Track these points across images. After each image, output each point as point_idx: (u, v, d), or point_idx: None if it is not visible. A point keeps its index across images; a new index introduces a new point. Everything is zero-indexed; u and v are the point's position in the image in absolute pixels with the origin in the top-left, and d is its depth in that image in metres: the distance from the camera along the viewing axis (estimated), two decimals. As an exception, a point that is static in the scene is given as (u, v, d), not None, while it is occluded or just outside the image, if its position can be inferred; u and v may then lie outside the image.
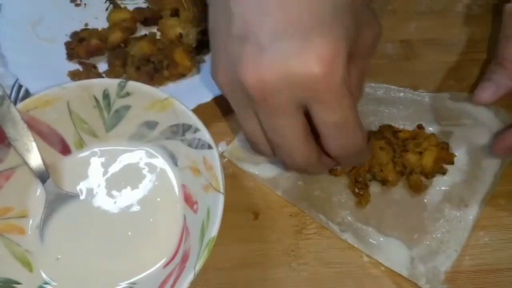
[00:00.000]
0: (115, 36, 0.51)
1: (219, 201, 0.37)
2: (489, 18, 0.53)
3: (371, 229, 0.43)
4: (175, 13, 0.52)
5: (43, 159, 0.42)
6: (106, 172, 0.44)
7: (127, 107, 0.43)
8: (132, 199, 0.43)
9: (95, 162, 0.45)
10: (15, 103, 0.46)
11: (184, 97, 0.42)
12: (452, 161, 0.44)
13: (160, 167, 0.44)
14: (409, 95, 0.48)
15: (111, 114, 0.44)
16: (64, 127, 0.44)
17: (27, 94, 0.48)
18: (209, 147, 0.40)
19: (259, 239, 0.43)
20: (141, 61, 0.49)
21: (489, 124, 0.46)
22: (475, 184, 0.44)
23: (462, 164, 0.45)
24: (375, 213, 0.43)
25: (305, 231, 0.43)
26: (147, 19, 0.53)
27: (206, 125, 0.40)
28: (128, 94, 0.42)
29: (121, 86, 0.42)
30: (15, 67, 0.48)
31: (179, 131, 0.42)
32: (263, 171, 0.46)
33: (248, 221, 0.44)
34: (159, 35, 0.53)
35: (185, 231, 0.41)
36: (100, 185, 0.44)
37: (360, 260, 0.42)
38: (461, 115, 0.47)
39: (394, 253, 0.42)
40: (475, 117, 0.46)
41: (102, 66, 0.51)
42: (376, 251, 0.42)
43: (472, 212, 0.43)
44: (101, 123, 0.44)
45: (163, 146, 0.44)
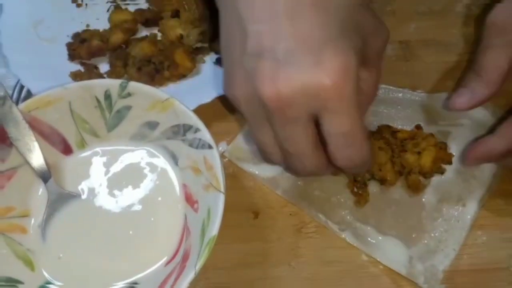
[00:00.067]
0: (116, 37, 0.51)
1: (220, 201, 0.37)
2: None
3: (370, 228, 0.43)
4: (175, 14, 0.52)
5: (45, 159, 0.42)
6: (107, 172, 0.44)
7: (128, 108, 0.44)
8: (133, 199, 0.43)
9: (96, 161, 0.45)
10: (17, 103, 0.46)
11: (185, 97, 0.43)
12: (450, 161, 0.44)
13: (161, 166, 0.44)
14: (408, 96, 0.49)
15: (113, 114, 0.44)
16: (66, 127, 0.44)
17: (29, 95, 0.48)
18: (210, 147, 0.40)
19: (259, 238, 0.43)
20: (142, 62, 0.50)
21: (487, 124, 0.46)
22: (473, 183, 0.44)
23: (460, 164, 0.45)
24: (374, 212, 0.43)
25: (305, 230, 0.44)
26: (148, 20, 0.53)
27: (207, 125, 0.40)
28: (129, 94, 0.43)
29: (122, 87, 0.43)
30: (17, 68, 0.48)
31: (180, 131, 0.42)
32: (263, 171, 0.46)
33: (248, 220, 0.44)
34: (160, 36, 0.53)
35: (185, 230, 0.41)
36: (101, 185, 0.44)
37: (359, 259, 0.42)
38: (459, 115, 0.47)
39: (393, 252, 0.42)
40: (472, 117, 0.47)
41: (104, 67, 0.51)
42: (375, 250, 0.42)
43: (470, 212, 0.43)
44: (102, 123, 0.45)
45: (164, 146, 0.44)
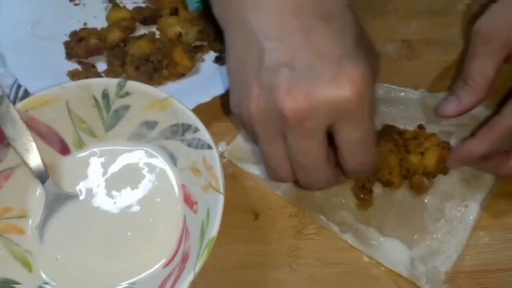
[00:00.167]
0: (114, 36, 0.51)
1: (219, 201, 0.37)
2: (489, 18, 0.53)
3: (371, 230, 0.42)
4: (174, 12, 0.52)
5: (43, 159, 0.42)
6: (105, 172, 0.44)
7: (126, 107, 0.43)
8: (132, 199, 0.43)
9: (94, 162, 0.45)
10: (14, 103, 0.45)
11: (184, 96, 0.42)
12: (453, 161, 0.44)
13: (160, 167, 0.44)
14: (410, 95, 0.48)
15: (111, 113, 0.44)
16: (63, 126, 0.44)
17: (26, 94, 0.47)
18: (209, 147, 0.40)
19: (259, 239, 0.43)
20: (140, 60, 0.49)
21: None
22: (475, 184, 0.44)
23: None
24: (376, 214, 0.43)
25: (305, 232, 0.43)
26: (146, 18, 0.53)
27: (206, 125, 0.40)
28: (127, 93, 0.42)
29: (120, 86, 0.42)
30: (14, 67, 0.48)
31: (179, 131, 0.42)
32: (263, 171, 0.45)
33: (248, 221, 0.44)
34: (158, 34, 0.52)
35: (185, 231, 0.41)
36: (99, 185, 0.44)
37: (361, 261, 0.42)
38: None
39: (394, 253, 0.41)
40: (475, 117, 0.46)
41: (101, 66, 0.51)
42: (376, 252, 0.42)
43: (473, 212, 0.43)
44: (100, 123, 0.44)
45: (163, 146, 0.44)
